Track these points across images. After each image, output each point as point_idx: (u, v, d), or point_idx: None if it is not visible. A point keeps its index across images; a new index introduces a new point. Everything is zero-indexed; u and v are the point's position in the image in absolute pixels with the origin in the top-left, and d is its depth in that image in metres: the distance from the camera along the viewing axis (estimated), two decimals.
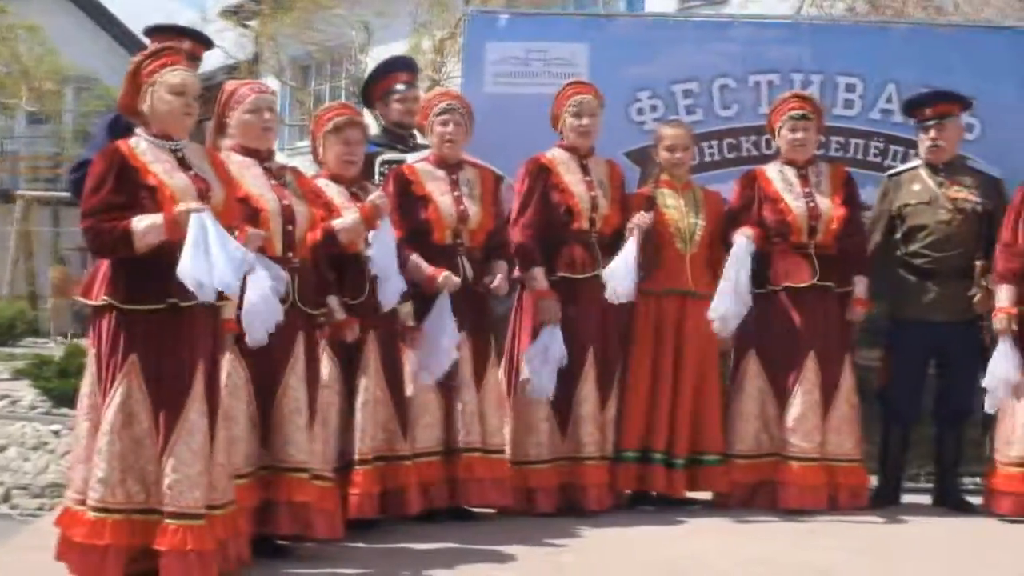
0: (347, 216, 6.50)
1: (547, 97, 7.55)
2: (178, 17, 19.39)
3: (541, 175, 7.35)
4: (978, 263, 7.56)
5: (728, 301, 7.26)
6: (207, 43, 7.23)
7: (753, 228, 7.45)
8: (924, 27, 9.09)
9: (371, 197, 6.56)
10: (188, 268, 5.19)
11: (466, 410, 6.98)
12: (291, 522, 5.99)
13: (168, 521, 5.34)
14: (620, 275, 7.16)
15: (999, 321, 7.29)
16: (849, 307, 7.57)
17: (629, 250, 7.21)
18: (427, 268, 6.90)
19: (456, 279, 6.92)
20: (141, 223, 5.32)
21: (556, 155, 7.42)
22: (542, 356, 7.14)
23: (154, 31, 6.95)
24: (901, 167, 8.00)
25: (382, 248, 6.46)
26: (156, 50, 5.69)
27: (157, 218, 5.32)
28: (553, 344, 7.14)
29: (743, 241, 7.37)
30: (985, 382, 7.28)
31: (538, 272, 7.24)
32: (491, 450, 7.06)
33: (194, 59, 6.77)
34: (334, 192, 6.66)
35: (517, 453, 7.25)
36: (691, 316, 7.45)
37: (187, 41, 6.82)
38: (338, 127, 6.70)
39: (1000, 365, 7.22)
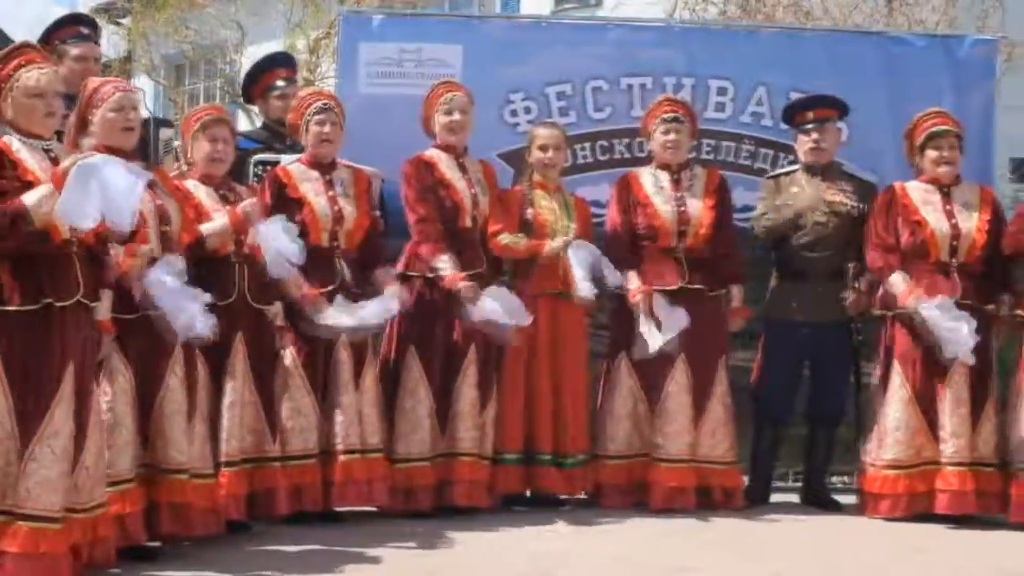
0: (216, 221, 6.45)
1: (421, 98, 7.54)
2: (48, 14, 19.08)
3: (427, 171, 7.34)
4: (851, 265, 7.66)
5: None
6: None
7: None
8: (793, 32, 9.23)
9: (242, 204, 6.53)
10: (61, 207, 5.13)
11: (345, 413, 6.95)
12: (172, 522, 6.01)
13: (20, 523, 5.25)
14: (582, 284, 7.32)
15: (913, 299, 7.32)
16: (728, 316, 7.69)
17: (578, 261, 7.30)
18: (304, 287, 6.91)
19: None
20: (31, 195, 5.23)
21: (435, 154, 7.42)
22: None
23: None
24: (782, 170, 8.10)
25: (273, 250, 6.46)
26: (8, 51, 5.55)
27: (44, 186, 5.24)
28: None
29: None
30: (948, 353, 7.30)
31: (446, 260, 7.21)
32: (369, 450, 7.04)
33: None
34: (203, 194, 6.61)
35: (399, 451, 7.22)
36: (564, 317, 7.48)
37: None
38: (205, 125, 6.65)
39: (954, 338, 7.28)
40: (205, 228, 6.43)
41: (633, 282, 7.48)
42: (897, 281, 7.40)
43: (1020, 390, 7.35)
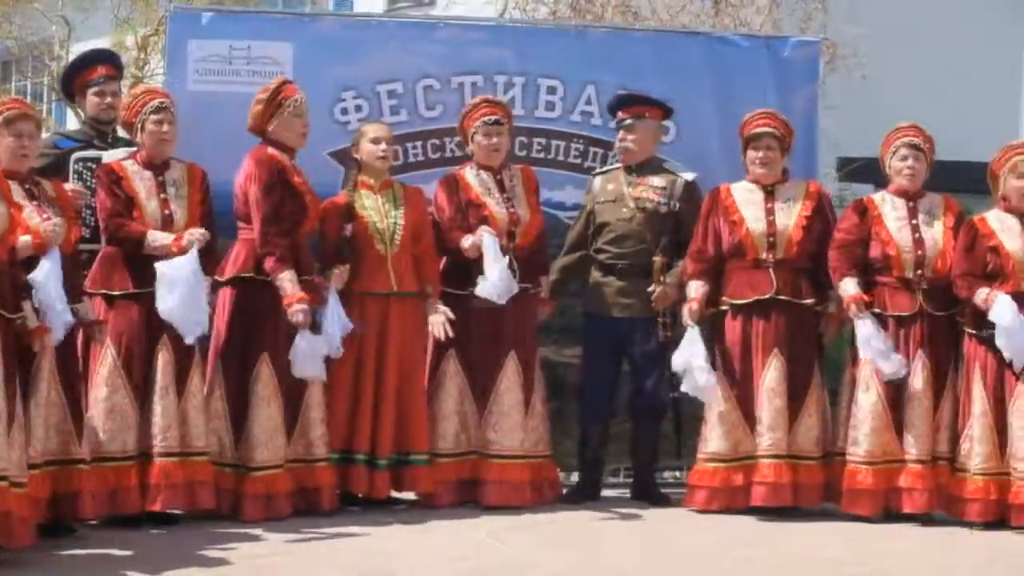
0: (22, 239, 6.30)
1: (251, 96, 7.48)
2: None
3: (281, 174, 7.27)
4: (656, 259, 7.75)
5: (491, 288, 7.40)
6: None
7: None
8: (622, 31, 9.30)
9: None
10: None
11: (164, 415, 6.87)
12: None
13: None
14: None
15: (686, 311, 7.54)
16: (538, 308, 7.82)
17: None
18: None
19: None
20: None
21: (276, 155, 7.35)
22: None
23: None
24: (608, 167, 8.19)
25: (46, 279, 6.30)
26: None
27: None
28: None
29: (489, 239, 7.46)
30: (674, 365, 7.50)
31: (287, 276, 7.09)
32: (193, 453, 6.96)
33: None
34: (10, 189, 6.46)
35: (256, 459, 7.12)
36: (394, 316, 7.46)
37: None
38: (9, 120, 6.51)
39: (684, 351, 7.46)
40: (20, 242, 6.28)
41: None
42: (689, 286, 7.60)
43: (852, 387, 7.51)
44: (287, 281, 7.06)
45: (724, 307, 7.62)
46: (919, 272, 7.43)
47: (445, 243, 7.67)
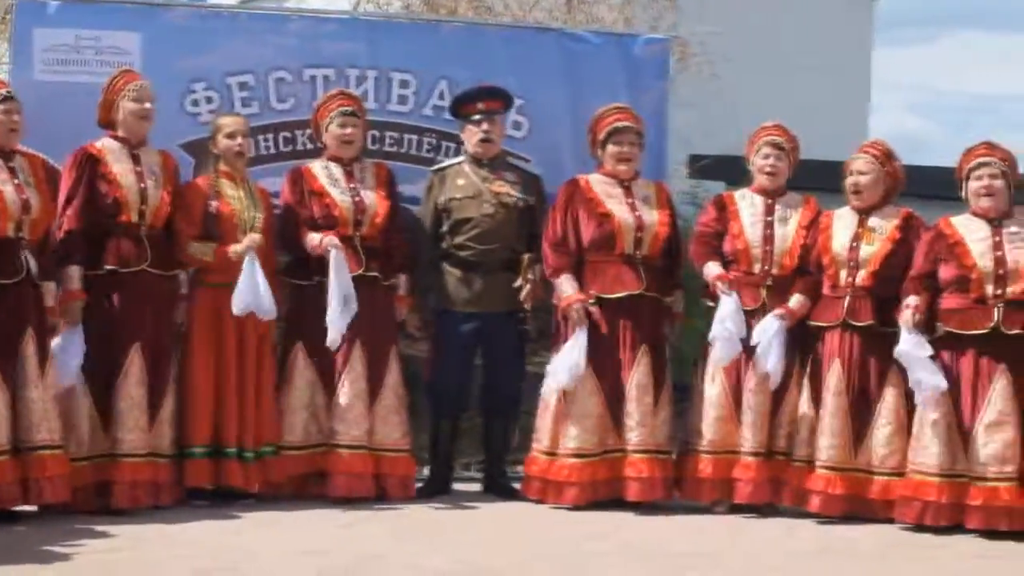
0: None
1: (99, 86, 7.39)
2: None
3: (88, 164, 7.17)
4: (526, 256, 7.80)
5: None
6: None
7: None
8: (475, 26, 9.32)
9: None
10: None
11: (33, 408, 6.76)
12: None
13: None
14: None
15: (572, 311, 7.55)
16: (395, 304, 7.81)
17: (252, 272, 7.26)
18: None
19: None
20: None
21: (106, 144, 7.25)
22: None
23: None
24: (446, 162, 8.20)
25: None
26: None
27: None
28: None
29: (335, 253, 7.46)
30: (550, 366, 7.54)
31: (75, 272, 7.03)
32: (55, 446, 6.86)
33: None
34: None
35: (71, 450, 7.03)
36: None
37: None
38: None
39: (569, 354, 7.49)
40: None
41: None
42: (563, 281, 7.62)
43: (701, 379, 7.62)
44: (70, 275, 7.01)
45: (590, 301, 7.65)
46: (765, 268, 7.56)
47: (285, 236, 7.66)
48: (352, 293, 7.39)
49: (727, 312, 7.39)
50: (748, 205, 7.71)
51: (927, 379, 7.06)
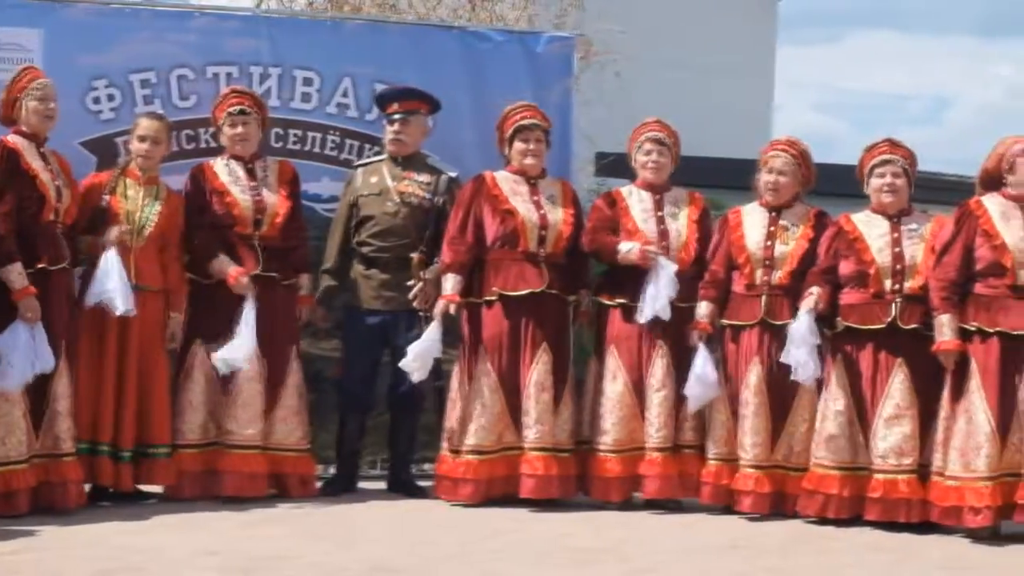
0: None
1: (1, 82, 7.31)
2: None
3: (10, 160, 7.08)
4: (414, 255, 7.81)
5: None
6: None
7: None
8: (379, 24, 9.30)
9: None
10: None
11: None
12: None
13: None
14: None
15: (439, 307, 7.59)
16: (296, 303, 7.80)
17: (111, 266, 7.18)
18: None
19: None
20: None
21: (19, 141, 7.15)
22: None
23: None
24: (370, 159, 8.21)
25: None
26: None
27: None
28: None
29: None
30: (408, 359, 7.51)
31: (17, 269, 6.90)
32: None
33: None
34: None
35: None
36: (136, 308, 7.25)
37: None
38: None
39: (422, 343, 7.51)
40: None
41: (229, 266, 7.50)
42: (447, 279, 7.64)
43: (600, 376, 7.67)
44: (14, 274, 6.90)
45: (491, 297, 7.68)
46: None
47: (189, 237, 7.62)
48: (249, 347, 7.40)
49: (668, 278, 7.44)
50: (637, 201, 7.79)
51: (804, 364, 7.16)
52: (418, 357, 7.47)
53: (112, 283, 7.12)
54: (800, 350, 7.15)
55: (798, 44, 52.89)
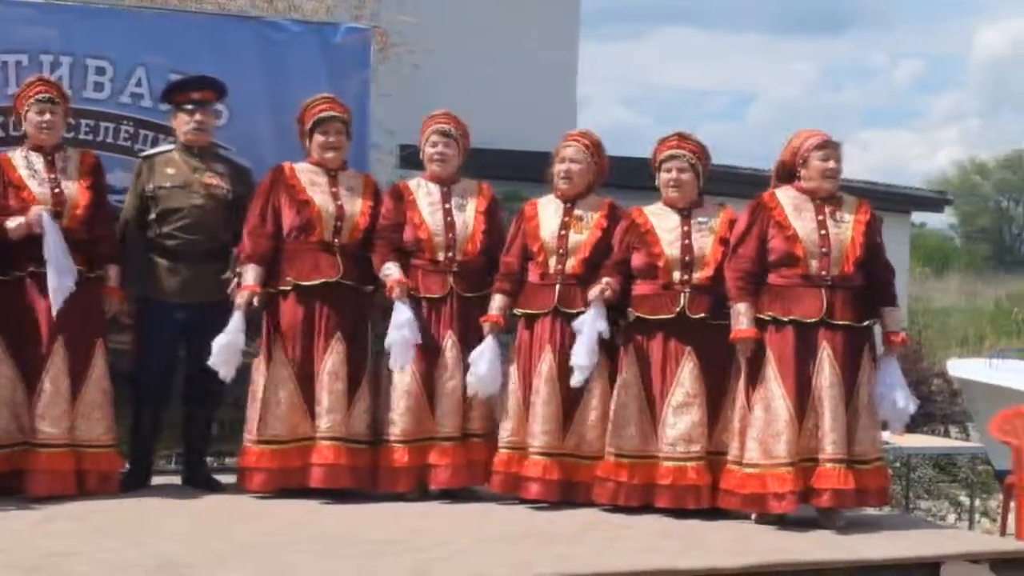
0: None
1: None
2: None
3: None
4: (235, 249, 7.76)
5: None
6: None
7: None
8: (173, 14, 9.20)
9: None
10: None
11: None
12: None
13: None
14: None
15: (241, 298, 7.54)
16: (103, 296, 7.70)
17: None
18: None
19: None
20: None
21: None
22: None
23: None
24: (156, 149, 8.10)
25: None
26: None
27: None
28: None
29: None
30: (214, 354, 7.46)
31: None
32: None
33: None
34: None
35: None
36: None
37: None
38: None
39: (231, 338, 7.46)
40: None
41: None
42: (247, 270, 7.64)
43: (390, 368, 7.66)
44: None
45: (286, 287, 7.67)
46: (450, 255, 7.68)
47: None
48: (65, 262, 7.29)
49: (403, 319, 7.49)
50: (425, 194, 7.84)
51: (582, 356, 7.27)
52: (222, 351, 7.43)
53: None
54: (582, 349, 7.26)
55: (604, 40, 53.72)
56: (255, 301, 7.58)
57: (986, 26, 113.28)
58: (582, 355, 7.28)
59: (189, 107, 7.90)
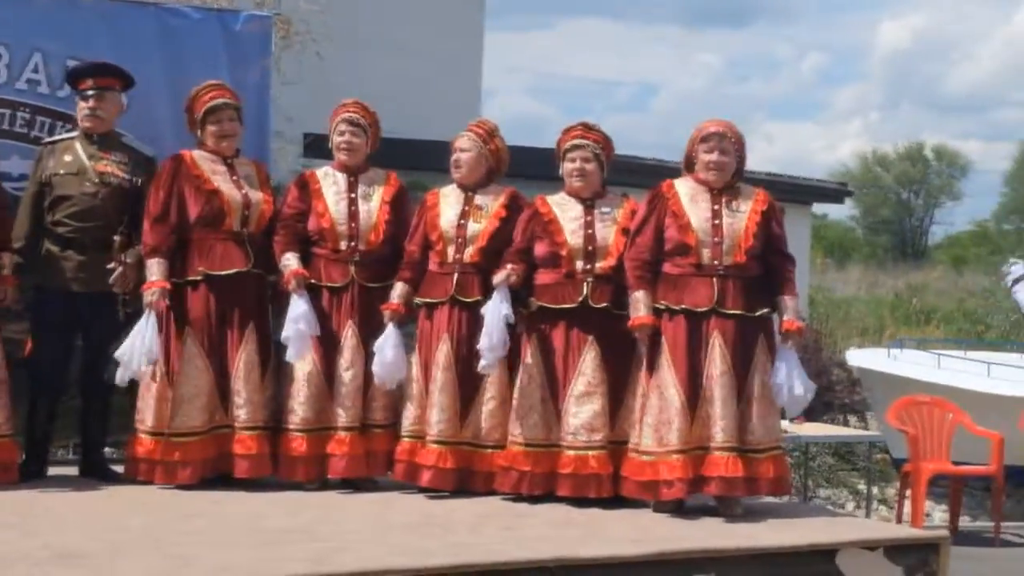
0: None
1: None
2: None
3: None
4: (116, 238, 7.68)
5: None
6: None
7: None
8: None
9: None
10: None
11: None
12: None
13: None
14: None
15: (150, 297, 7.48)
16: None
17: None
18: None
19: None
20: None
21: None
22: None
23: None
24: (59, 136, 8.01)
25: None
26: None
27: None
28: None
29: None
30: (119, 353, 7.41)
31: None
32: None
33: None
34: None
35: None
36: None
37: None
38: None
39: (140, 339, 7.39)
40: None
41: None
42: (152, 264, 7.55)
43: None
44: None
45: (196, 278, 7.62)
46: (352, 244, 7.66)
47: None
48: None
49: (299, 312, 7.48)
50: (331, 183, 7.81)
51: (487, 340, 7.29)
52: (139, 354, 7.36)
53: None
54: (487, 334, 7.26)
55: (512, 30, 53.74)
56: (166, 299, 7.51)
57: (889, 20, 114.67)
58: (487, 339, 7.28)
59: (88, 94, 7.80)
